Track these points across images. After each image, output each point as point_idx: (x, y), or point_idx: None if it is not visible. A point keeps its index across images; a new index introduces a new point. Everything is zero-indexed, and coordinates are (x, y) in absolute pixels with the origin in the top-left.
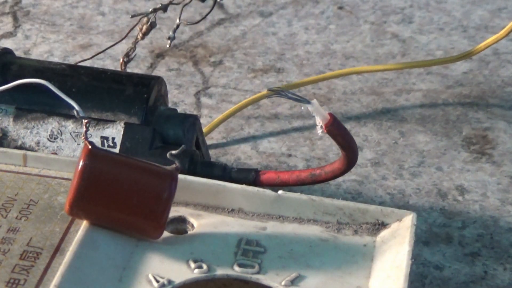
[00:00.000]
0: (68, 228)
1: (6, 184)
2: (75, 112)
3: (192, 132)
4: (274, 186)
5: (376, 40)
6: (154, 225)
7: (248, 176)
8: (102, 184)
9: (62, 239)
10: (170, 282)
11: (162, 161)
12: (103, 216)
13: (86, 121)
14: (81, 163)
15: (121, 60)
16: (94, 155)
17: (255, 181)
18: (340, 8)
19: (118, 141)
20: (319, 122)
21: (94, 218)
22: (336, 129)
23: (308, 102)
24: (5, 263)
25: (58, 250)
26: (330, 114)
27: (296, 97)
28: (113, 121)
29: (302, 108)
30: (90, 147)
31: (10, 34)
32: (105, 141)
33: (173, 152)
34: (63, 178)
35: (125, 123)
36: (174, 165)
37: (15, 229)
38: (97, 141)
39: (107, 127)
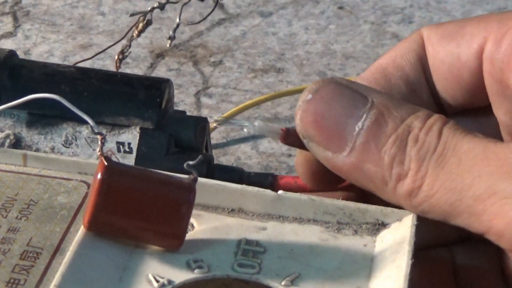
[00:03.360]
0: (68, 228)
1: (6, 184)
2: (90, 128)
3: (203, 136)
4: (292, 191)
5: (376, 40)
6: (173, 237)
7: (266, 181)
8: (120, 199)
9: (62, 239)
10: (170, 282)
11: (179, 166)
12: (121, 231)
13: (101, 137)
14: (98, 179)
15: (116, 57)
16: (110, 170)
17: (273, 185)
18: (340, 8)
19: (134, 146)
20: (273, 139)
21: (113, 233)
22: (295, 140)
23: (252, 125)
24: (5, 263)
25: (58, 250)
26: (282, 129)
27: (239, 122)
28: (128, 126)
29: (245, 130)
30: (106, 163)
31: (10, 34)
32: (121, 146)
33: (191, 162)
34: (63, 178)
35: (140, 128)
36: (192, 176)
37: (15, 229)
38: (112, 146)
39: (122, 132)
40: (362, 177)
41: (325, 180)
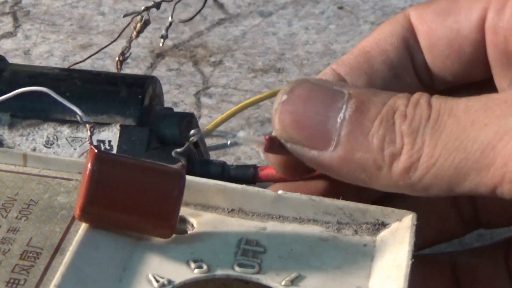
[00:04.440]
0: (68, 228)
1: (6, 184)
2: (78, 117)
3: (188, 131)
4: (273, 181)
5: None
6: (165, 224)
7: (247, 173)
8: (111, 188)
9: (62, 239)
10: (170, 282)
11: (160, 161)
12: (114, 219)
13: (90, 125)
14: (88, 168)
15: (117, 59)
16: (100, 159)
17: (254, 177)
18: (340, 8)
19: (115, 144)
20: (258, 148)
21: (105, 222)
22: (279, 148)
23: (234, 135)
24: (5, 263)
25: (58, 250)
26: (266, 138)
27: (221, 134)
28: (108, 124)
29: (229, 143)
30: (96, 151)
31: (10, 34)
32: (102, 144)
33: (178, 150)
34: (63, 178)
35: (120, 125)
36: (180, 163)
37: (15, 229)
38: None
39: (102, 130)
40: (353, 169)
41: (298, 169)
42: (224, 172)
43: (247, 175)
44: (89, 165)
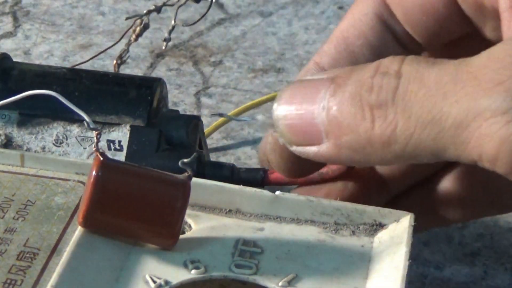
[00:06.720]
0: (65, 228)
1: (4, 184)
2: (85, 124)
3: (195, 133)
4: (283, 185)
5: None
6: (168, 235)
7: (257, 176)
8: (115, 196)
9: (59, 240)
10: (167, 282)
11: (169, 163)
12: (116, 227)
13: (97, 132)
14: (93, 175)
15: (114, 62)
16: (106, 166)
17: (263, 180)
18: (340, 8)
19: (125, 144)
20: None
21: (108, 230)
22: None
23: (253, 119)
24: (2, 264)
25: (55, 250)
26: None
27: (239, 118)
28: (118, 124)
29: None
30: (101, 158)
31: (10, 34)
32: (112, 144)
33: (185, 160)
34: (60, 179)
35: (130, 126)
36: (186, 174)
37: (12, 229)
38: (103, 144)
39: (112, 131)
40: (347, 153)
41: (301, 167)
42: (234, 175)
43: (257, 178)
44: (94, 172)
